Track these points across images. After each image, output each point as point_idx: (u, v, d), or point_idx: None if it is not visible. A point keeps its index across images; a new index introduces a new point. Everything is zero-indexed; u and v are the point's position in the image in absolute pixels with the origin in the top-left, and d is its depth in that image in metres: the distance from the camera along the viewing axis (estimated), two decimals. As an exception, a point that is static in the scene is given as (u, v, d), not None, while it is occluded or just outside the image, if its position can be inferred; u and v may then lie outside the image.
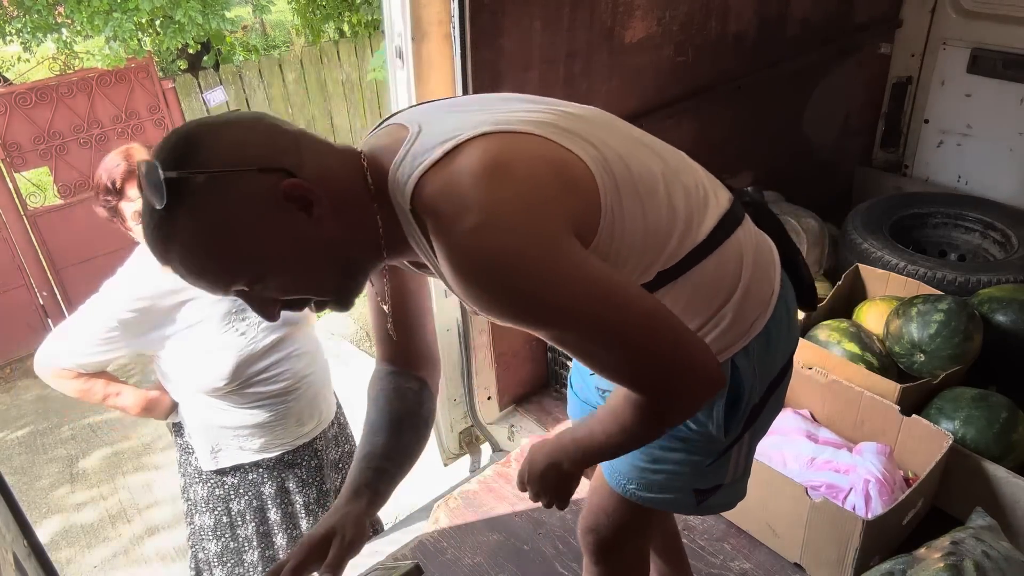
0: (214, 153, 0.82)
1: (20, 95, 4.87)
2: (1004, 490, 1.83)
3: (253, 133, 0.86)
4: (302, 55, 6.32)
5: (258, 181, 0.82)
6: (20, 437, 4.51)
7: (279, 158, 0.84)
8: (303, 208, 0.85)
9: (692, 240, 0.99)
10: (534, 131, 0.89)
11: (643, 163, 0.96)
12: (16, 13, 5.85)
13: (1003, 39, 2.93)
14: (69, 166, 5.12)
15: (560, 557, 1.97)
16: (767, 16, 2.72)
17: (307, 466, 1.98)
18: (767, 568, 1.89)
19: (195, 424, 1.88)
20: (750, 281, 1.05)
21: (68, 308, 5.28)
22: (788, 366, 1.18)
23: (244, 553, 1.99)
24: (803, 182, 3.17)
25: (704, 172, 1.09)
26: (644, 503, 1.23)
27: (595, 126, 0.96)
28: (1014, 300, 2.28)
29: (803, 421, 2.12)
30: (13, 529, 0.96)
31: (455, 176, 0.84)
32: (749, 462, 1.26)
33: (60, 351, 1.77)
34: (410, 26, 1.82)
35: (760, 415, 1.16)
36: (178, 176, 0.80)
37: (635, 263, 0.95)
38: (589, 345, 0.89)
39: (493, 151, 0.85)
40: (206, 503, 1.94)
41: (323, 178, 0.86)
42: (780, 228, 1.18)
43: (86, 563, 3.54)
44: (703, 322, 1.05)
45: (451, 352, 2.34)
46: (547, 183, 0.85)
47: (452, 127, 0.88)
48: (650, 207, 0.94)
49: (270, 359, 1.81)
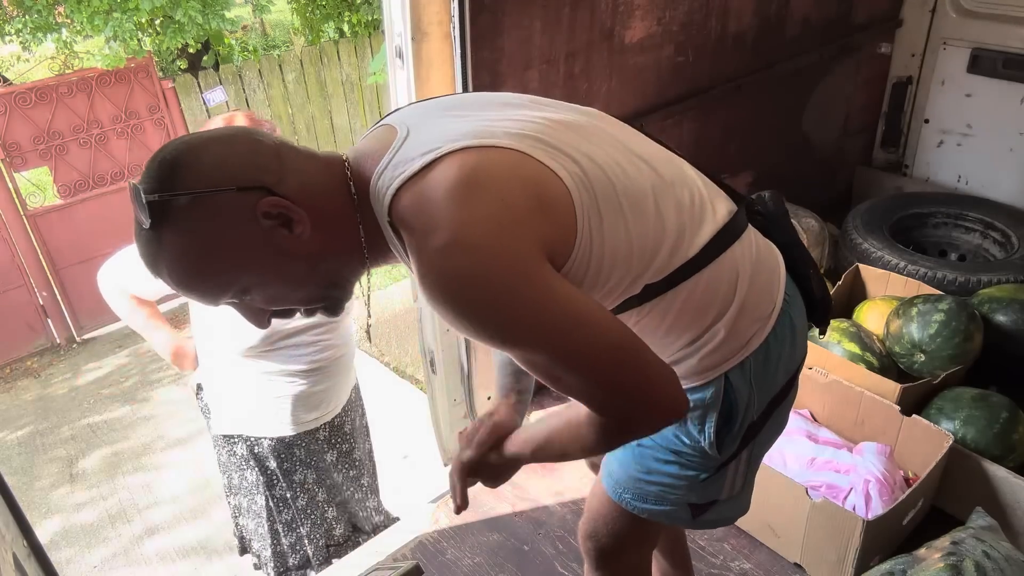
0: (194, 174, 0.84)
1: (20, 95, 4.87)
2: (1004, 490, 1.83)
3: (233, 151, 0.87)
4: (302, 55, 6.31)
5: (238, 200, 0.84)
6: (20, 437, 4.50)
7: (258, 176, 0.86)
8: (283, 224, 0.86)
9: (683, 255, 0.97)
10: (515, 146, 0.88)
11: (631, 177, 0.94)
12: (16, 13, 5.85)
13: (1003, 39, 2.93)
14: (69, 166, 5.12)
15: (560, 557, 1.97)
16: (767, 16, 2.72)
17: (307, 448, 2.00)
18: (767, 568, 1.89)
19: (214, 388, 1.96)
20: (746, 297, 1.03)
21: (68, 308, 5.28)
22: (792, 382, 1.15)
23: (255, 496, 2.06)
24: (803, 182, 3.18)
25: (704, 183, 1.07)
26: (639, 513, 1.22)
27: (584, 137, 0.95)
28: (1014, 300, 2.28)
29: (803, 421, 2.12)
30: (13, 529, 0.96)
31: (429, 191, 0.84)
32: (749, 479, 1.23)
33: (127, 273, 1.86)
34: (410, 26, 1.82)
35: (760, 433, 1.14)
36: (159, 199, 0.82)
37: (620, 276, 0.94)
38: (554, 369, 0.88)
39: (469, 167, 0.84)
40: (243, 462, 2.02)
41: (304, 192, 0.87)
42: (793, 240, 1.15)
43: (86, 563, 3.53)
44: (694, 337, 1.04)
45: (451, 352, 2.34)
46: (520, 204, 0.84)
47: (436, 137, 0.88)
48: (635, 222, 0.93)
49: (309, 333, 1.87)
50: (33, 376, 5.10)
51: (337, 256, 0.92)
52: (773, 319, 1.07)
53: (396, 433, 3.66)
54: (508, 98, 1.03)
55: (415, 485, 2.86)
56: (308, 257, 0.89)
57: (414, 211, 0.84)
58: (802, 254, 1.15)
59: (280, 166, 0.88)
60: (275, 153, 0.89)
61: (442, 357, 2.34)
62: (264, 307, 0.94)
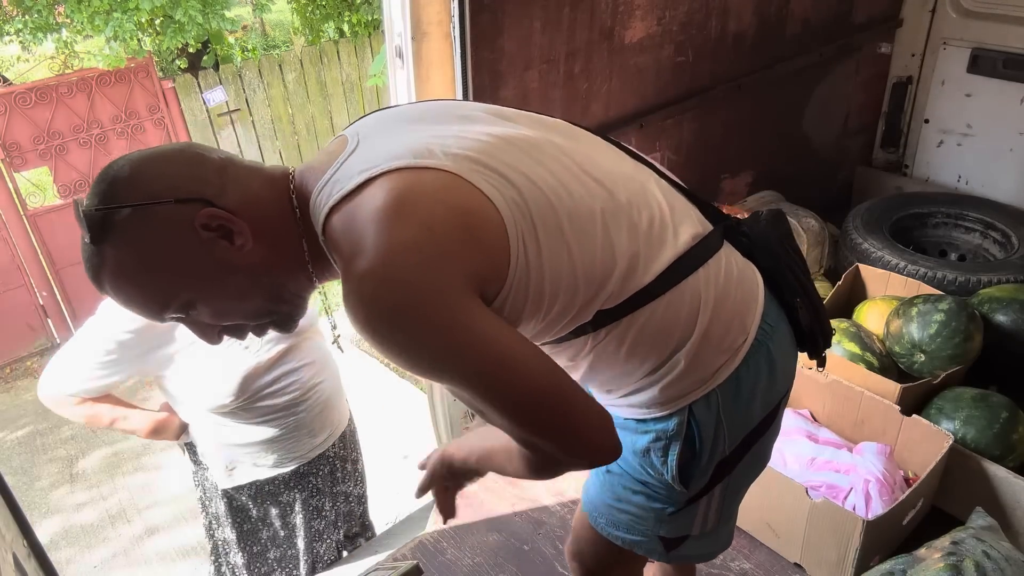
0: (134, 188, 0.85)
1: (20, 95, 4.87)
2: (1004, 490, 1.83)
3: (173, 165, 0.88)
4: (302, 55, 6.32)
5: (176, 212, 0.85)
6: (20, 437, 4.50)
7: (198, 188, 0.86)
8: (224, 236, 0.86)
9: (636, 282, 0.93)
10: (451, 167, 0.85)
11: (576, 199, 0.90)
12: (16, 13, 5.85)
13: (1003, 39, 2.93)
14: (69, 166, 5.12)
15: (560, 557, 1.97)
16: (767, 16, 2.72)
17: (321, 474, 1.97)
18: (767, 568, 1.89)
19: (207, 443, 1.86)
20: (708, 327, 0.98)
21: (68, 308, 5.28)
22: (773, 415, 1.10)
23: (268, 552, 2.00)
24: (803, 182, 3.17)
25: (672, 204, 1.00)
26: (612, 540, 1.20)
27: (531, 156, 0.91)
28: (1014, 300, 2.28)
29: (803, 421, 2.12)
30: (13, 529, 0.96)
31: (357, 212, 0.83)
32: (725, 515, 1.19)
33: (62, 378, 1.73)
34: (410, 26, 1.82)
35: (735, 468, 1.09)
36: (98, 212, 0.84)
37: (565, 303, 0.91)
38: (477, 404, 0.87)
39: (397, 191, 0.82)
40: (227, 517, 1.94)
41: (246, 205, 0.88)
42: (780, 265, 1.07)
43: (86, 563, 3.54)
44: (655, 366, 1.00)
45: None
46: (447, 233, 0.81)
47: (377, 154, 0.87)
48: (579, 247, 0.89)
49: (276, 371, 1.78)
50: (33, 376, 5.10)
51: (281, 270, 0.92)
52: (743, 350, 1.01)
53: (396, 433, 3.67)
54: (469, 110, 1.01)
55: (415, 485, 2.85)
56: (249, 270, 0.89)
57: (342, 232, 0.84)
58: (789, 281, 1.07)
59: (221, 179, 0.88)
60: (219, 167, 0.89)
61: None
62: (211, 322, 0.93)
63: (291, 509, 1.96)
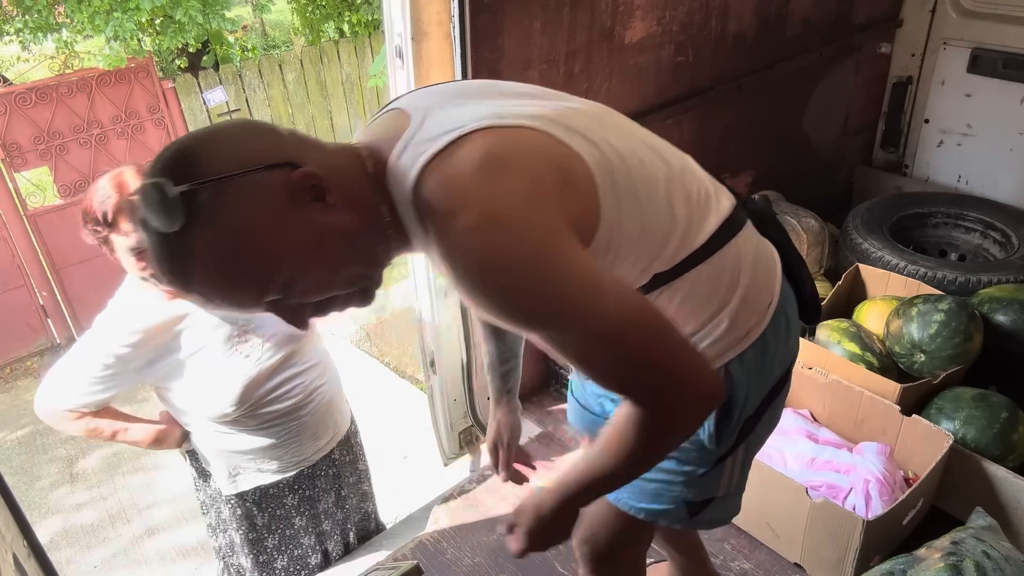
0: (216, 160, 0.78)
1: (20, 95, 4.86)
2: (1004, 490, 1.83)
3: (249, 134, 0.85)
4: (302, 55, 6.32)
5: (267, 179, 0.80)
6: (20, 437, 4.50)
7: (283, 152, 0.82)
8: (317, 198, 0.82)
9: (690, 244, 0.98)
10: (537, 126, 0.87)
11: (646, 166, 0.95)
12: (16, 13, 5.85)
13: (1003, 39, 2.93)
14: (69, 166, 5.12)
15: (560, 557, 1.97)
16: (767, 16, 2.72)
17: (325, 476, 1.97)
18: (767, 568, 1.89)
19: (210, 451, 1.84)
20: (748, 288, 1.04)
21: (68, 308, 5.28)
22: (785, 378, 1.16)
23: (275, 561, 1.99)
24: (803, 182, 3.17)
25: (708, 177, 1.08)
26: (636, 514, 1.22)
27: (599, 124, 0.94)
28: (1014, 300, 2.28)
29: (803, 421, 2.12)
30: (13, 529, 0.96)
31: (456, 169, 0.81)
32: (744, 476, 1.23)
33: (59, 393, 1.68)
34: (410, 26, 1.82)
35: (756, 428, 1.14)
36: (187, 190, 0.76)
37: (631, 265, 0.95)
38: (586, 349, 0.86)
39: (495, 145, 0.83)
40: (231, 522, 1.93)
41: (327, 170, 0.84)
42: (784, 238, 1.17)
43: (86, 563, 3.53)
44: (698, 326, 1.04)
45: (451, 352, 2.34)
46: (548, 180, 0.83)
47: (456, 117, 0.86)
48: (649, 210, 0.93)
49: (278, 378, 1.76)
50: (33, 376, 5.10)
51: (369, 233, 0.88)
52: (771, 312, 1.08)
53: (396, 433, 3.67)
54: (517, 87, 1.01)
55: (415, 485, 2.85)
56: (345, 231, 0.85)
57: (440, 189, 0.81)
58: (792, 251, 1.17)
59: (297, 147, 0.85)
60: (289, 135, 0.87)
61: (442, 357, 2.34)
62: (305, 300, 0.87)
63: (297, 512, 1.95)
